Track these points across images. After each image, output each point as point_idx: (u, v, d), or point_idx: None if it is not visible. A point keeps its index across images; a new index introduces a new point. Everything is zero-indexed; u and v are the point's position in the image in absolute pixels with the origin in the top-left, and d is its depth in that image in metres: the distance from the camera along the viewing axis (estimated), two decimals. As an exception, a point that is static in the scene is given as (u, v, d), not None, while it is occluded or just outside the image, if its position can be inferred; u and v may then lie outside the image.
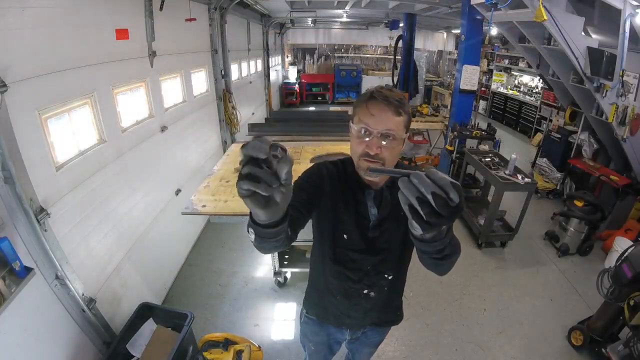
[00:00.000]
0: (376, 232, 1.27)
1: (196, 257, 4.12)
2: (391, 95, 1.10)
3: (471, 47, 5.10)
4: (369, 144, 1.09)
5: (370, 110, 1.09)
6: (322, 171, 1.29)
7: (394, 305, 1.56)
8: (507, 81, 10.83)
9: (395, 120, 1.09)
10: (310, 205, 1.20)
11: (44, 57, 2.01)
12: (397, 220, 1.24)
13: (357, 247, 1.29)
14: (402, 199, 0.63)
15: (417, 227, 0.63)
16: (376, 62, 14.25)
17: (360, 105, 1.13)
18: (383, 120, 1.08)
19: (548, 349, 2.99)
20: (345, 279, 1.36)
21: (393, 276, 1.38)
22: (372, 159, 1.10)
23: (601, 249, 4.32)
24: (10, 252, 1.69)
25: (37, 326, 1.91)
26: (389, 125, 1.08)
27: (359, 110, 1.13)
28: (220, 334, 2.66)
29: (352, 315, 1.46)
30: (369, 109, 1.10)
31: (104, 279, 2.53)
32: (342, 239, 1.29)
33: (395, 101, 1.09)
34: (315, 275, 1.50)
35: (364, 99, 1.14)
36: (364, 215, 1.26)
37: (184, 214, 2.40)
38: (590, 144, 5.36)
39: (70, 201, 2.20)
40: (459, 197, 0.59)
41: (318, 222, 1.33)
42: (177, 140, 3.89)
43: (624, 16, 3.32)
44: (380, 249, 1.29)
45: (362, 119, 1.10)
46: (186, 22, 4.00)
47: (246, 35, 7.36)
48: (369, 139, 1.09)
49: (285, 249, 1.10)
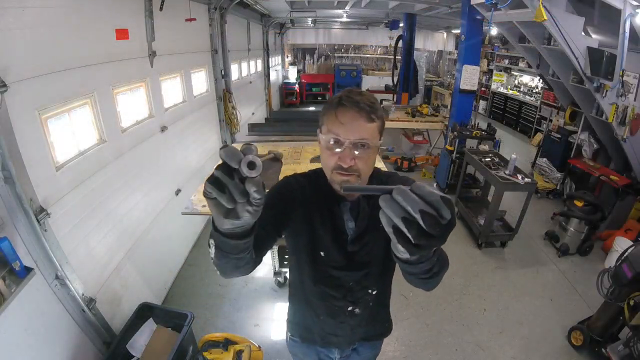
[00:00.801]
0: (355, 247, 1.18)
1: (196, 257, 4.12)
2: (362, 99, 0.99)
3: (471, 47, 5.10)
4: (341, 156, 1.00)
5: (339, 118, 0.99)
6: (292, 185, 1.19)
7: (381, 318, 1.48)
8: (507, 81, 10.83)
9: (368, 127, 0.99)
10: (280, 225, 1.12)
11: (44, 57, 2.01)
12: (378, 232, 1.14)
13: (337, 264, 1.20)
14: (385, 220, 0.53)
15: (403, 250, 0.54)
16: (376, 62, 14.25)
17: (329, 113, 1.02)
18: (355, 129, 0.98)
19: (548, 349, 2.99)
20: (328, 297, 1.27)
21: (377, 290, 1.30)
22: (346, 171, 1.01)
23: (601, 249, 4.32)
24: (10, 252, 1.69)
25: (37, 326, 1.91)
26: (361, 133, 0.98)
27: (327, 119, 1.02)
28: (220, 334, 2.66)
29: (338, 333, 1.38)
30: (338, 117, 0.99)
31: (104, 279, 2.53)
32: (320, 256, 1.19)
33: (366, 106, 0.98)
34: (296, 296, 1.41)
35: (332, 105, 1.02)
36: (341, 229, 1.16)
37: (184, 214, 2.40)
38: (590, 144, 5.36)
39: (70, 201, 2.20)
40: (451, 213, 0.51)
41: (292, 241, 1.23)
42: (177, 140, 3.89)
43: (624, 16, 3.32)
44: (361, 263, 1.20)
45: (332, 129, 1.00)
46: (186, 22, 4.00)
47: (246, 35, 7.36)
48: (340, 150, 0.99)
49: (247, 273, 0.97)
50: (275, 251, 3.43)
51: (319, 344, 1.46)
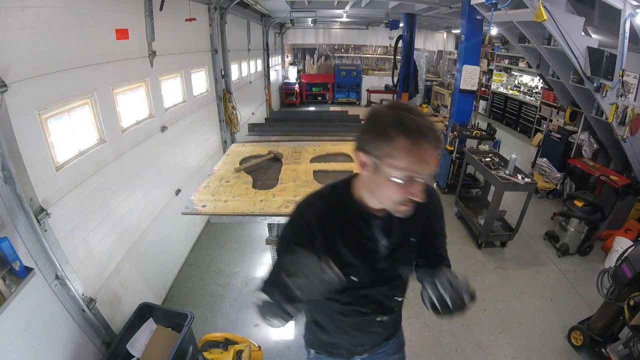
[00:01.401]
0: (387, 263, 1.16)
1: (196, 257, 4.12)
2: (431, 127, 0.90)
3: (471, 47, 5.10)
4: (415, 192, 0.93)
5: (424, 156, 0.88)
6: (309, 219, 1.08)
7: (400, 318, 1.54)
8: (507, 81, 10.83)
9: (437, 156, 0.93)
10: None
11: (44, 57, 2.01)
12: (407, 245, 1.17)
13: (368, 283, 1.19)
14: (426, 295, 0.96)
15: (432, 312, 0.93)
16: (376, 62, 14.25)
17: (406, 148, 0.87)
18: (432, 163, 0.90)
19: (548, 349, 2.99)
20: (358, 314, 1.27)
21: (403, 297, 1.34)
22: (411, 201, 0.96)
23: (601, 249, 4.32)
24: (10, 252, 1.69)
25: (37, 326, 1.91)
26: (435, 165, 0.91)
27: (401, 153, 0.88)
28: (220, 334, 2.66)
29: (366, 343, 1.41)
30: (422, 155, 0.88)
31: (104, 279, 2.53)
32: (352, 281, 1.14)
33: (437, 136, 0.91)
34: (320, 317, 1.35)
35: (411, 140, 0.87)
36: (374, 249, 1.13)
37: (184, 214, 2.39)
38: (590, 144, 5.36)
39: (70, 201, 2.20)
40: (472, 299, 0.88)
41: None
42: (177, 140, 3.89)
43: (624, 16, 3.32)
44: (391, 277, 1.21)
45: (412, 167, 0.89)
46: (186, 22, 4.00)
47: (246, 35, 7.36)
48: (413, 185, 0.93)
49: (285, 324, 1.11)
50: (275, 251, 3.43)
51: (345, 356, 1.46)
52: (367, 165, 0.96)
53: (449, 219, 5.19)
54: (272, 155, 3.30)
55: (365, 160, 0.95)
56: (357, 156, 0.98)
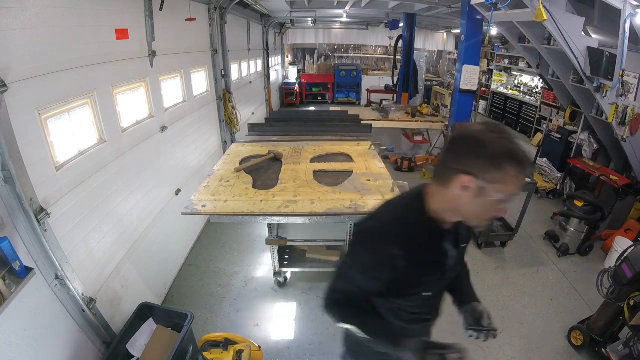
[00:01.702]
0: (452, 271, 1.26)
1: (196, 257, 4.12)
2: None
3: (471, 47, 5.10)
4: (504, 209, 1.03)
5: (522, 181, 0.97)
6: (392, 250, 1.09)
7: None
8: (507, 81, 10.83)
9: None
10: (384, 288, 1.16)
11: (44, 57, 2.01)
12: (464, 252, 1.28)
13: (437, 293, 1.30)
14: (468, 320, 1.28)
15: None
16: (376, 62, 14.25)
17: (515, 175, 0.95)
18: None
19: (548, 349, 2.99)
20: (421, 321, 1.35)
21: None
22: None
23: (601, 249, 4.32)
24: (10, 252, 1.69)
25: (37, 326, 1.91)
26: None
27: (512, 181, 0.95)
28: (220, 334, 2.66)
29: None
30: (523, 181, 0.98)
31: (104, 279, 2.53)
32: (425, 297, 1.24)
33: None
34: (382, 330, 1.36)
35: (518, 169, 0.95)
36: (445, 262, 1.19)
37: (184, 214, 2.40)
38: (590, 144, 5.36)
39: (70, 201, 2.20)
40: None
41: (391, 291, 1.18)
42: (177, 140, 3.89)
43: (624, 16, 3.32)
44: (451, 280, 1.32)
45: (516, 191, 0.97)
46: (186, 22, 4.00)
47: (246, 35, 7.36)
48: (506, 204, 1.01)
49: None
50: (275, 251, 3.43)
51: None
52: (469, 188, 0.98)
53: (449, 219, 5.21)
54: (272, 155, 3.30)
55: (470, 184, 0.97)
56: (459, 180, 0.98)
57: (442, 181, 1.05)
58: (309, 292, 3.56)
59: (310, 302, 3.45)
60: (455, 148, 1.03)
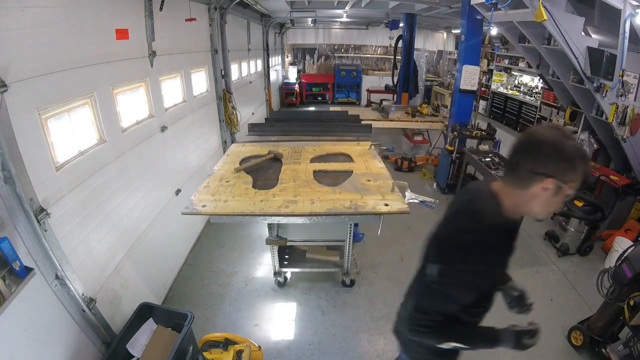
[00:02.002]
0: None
1: (196, 257, 4.12)
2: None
3: (471, 47, 5.10)
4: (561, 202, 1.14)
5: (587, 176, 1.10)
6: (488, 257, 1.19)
7: None
8: (507, 81, 10.82)
9: None
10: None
11: (44, 57, 2.01)
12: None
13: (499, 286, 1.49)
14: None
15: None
16: (376, 62, 14.26)
17: (583, 173, 1.08)
18: None
19: (548, 349, 2.98)
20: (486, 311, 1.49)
21: None
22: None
23: (601, 249, 4.32)
24: (10, 252, 1.70)
25: (37, 326, 1.91)
26: None
27: (581, 178, 1.08)
28: (220, 334, 2.66)
29: None
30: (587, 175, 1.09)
31: (104, 279, 2.53)
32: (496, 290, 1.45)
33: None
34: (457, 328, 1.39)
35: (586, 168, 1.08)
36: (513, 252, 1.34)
37: (184, 214, 2.39)
38: (590, 144, 5.35)
39: (70, 201, 2.20)
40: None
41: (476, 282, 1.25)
42: (177, 140, 3.89)
43: (624, 16, 3.32)
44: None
45: (579, 185, 1.09)
46: (186, 22, 4.00)
47: (246, 35, 7.36)
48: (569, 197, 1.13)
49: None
50: (275, 251, 3.43)
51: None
52: (549, 189, 1.09)
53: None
54: (272, 155, 3.30)
55: (550, 185, 1.08)
56: (543, 183, 1.08)
57: (521, 184, 1.13)
58: (309, 292, 3.56)
59: (310, 302, 3.45)
60: (533, 153, 1.10)
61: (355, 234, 3.60)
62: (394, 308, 1.51)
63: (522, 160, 1.12)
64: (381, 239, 4.32)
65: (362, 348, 2.97)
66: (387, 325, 3.20)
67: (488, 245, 1.17)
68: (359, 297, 3.51)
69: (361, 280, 3.74)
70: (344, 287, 3.62)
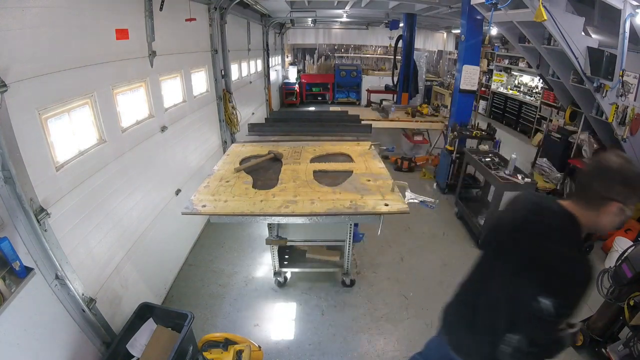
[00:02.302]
0: None
1: (196, 257, 4.12)
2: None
3: (471, 47, 5.10)
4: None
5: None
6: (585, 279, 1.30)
7: None
8: (507, 81, 10.83)
9: None
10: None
11: (44, 57, 2.01)
12: None
13: None
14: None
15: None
16: (376, 62, 14.26)
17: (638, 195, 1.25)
18: None
19: (548, 349, 2.98)
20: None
21: None
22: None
23: (601, 249, 4.31)
24: (10, 252, 1.70)
25: (37, 326, 1.91)
26: None
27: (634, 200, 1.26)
28: (220, 334, 2.66)
29: None
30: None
31: (104, 279, 2.53)
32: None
33: None
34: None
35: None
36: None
37: (184, 214, 2.39)
38: (590, 144, 5.35)
39: (70, 201, 2.20)
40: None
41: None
42: (177, 140, 3.89)
43: (624, 16, 3.32)
44: None
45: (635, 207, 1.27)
46: (186, 22, 4.00)
47: (246, 35, 7.36)
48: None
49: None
50: (275, 251, 3.43)
51: None
52: (614, 212, 1.27)
53: (449, 218, 5.17)
54: (272, 155, 3.30)
55: (616, 209, 1.26)
56: (612, 207, 1.26)
57: (593, 207, 1.30)
58: (309, 292, 3.56)
59: (310, 302, 3.45)
60: (605, 180, 1.27)
61: (355, 234, 3.61)
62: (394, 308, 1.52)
63: (596, 186, 1.29)
64: (381, 239, 4.32)
65: (362, 348, 2.97)
66: (387, 325, 3.20)
67: (593, 269, 1.31)
68: (359, 297, 3.52)
69: (361, 280, 3.74)
70: (344, 287, 3.62)
